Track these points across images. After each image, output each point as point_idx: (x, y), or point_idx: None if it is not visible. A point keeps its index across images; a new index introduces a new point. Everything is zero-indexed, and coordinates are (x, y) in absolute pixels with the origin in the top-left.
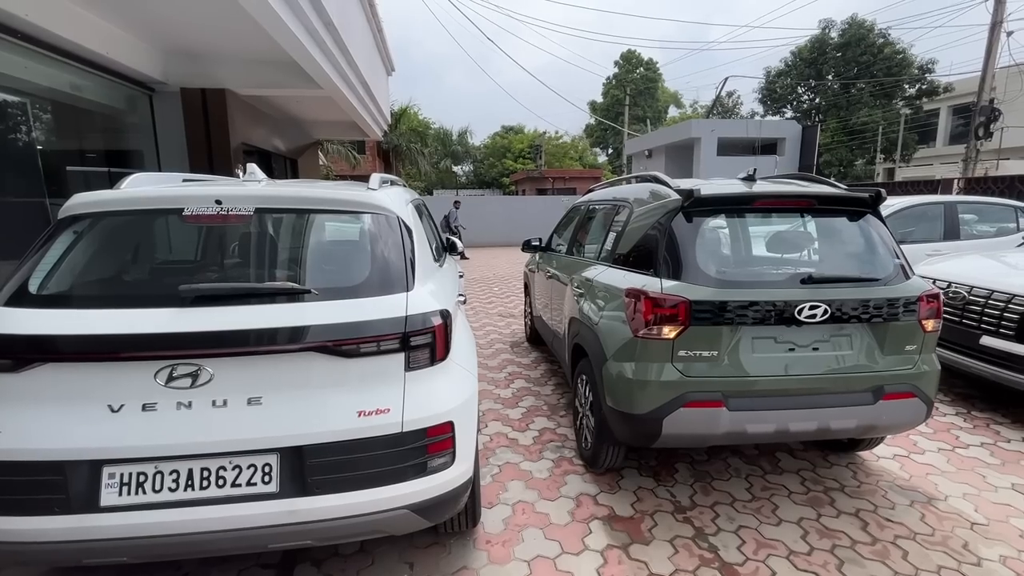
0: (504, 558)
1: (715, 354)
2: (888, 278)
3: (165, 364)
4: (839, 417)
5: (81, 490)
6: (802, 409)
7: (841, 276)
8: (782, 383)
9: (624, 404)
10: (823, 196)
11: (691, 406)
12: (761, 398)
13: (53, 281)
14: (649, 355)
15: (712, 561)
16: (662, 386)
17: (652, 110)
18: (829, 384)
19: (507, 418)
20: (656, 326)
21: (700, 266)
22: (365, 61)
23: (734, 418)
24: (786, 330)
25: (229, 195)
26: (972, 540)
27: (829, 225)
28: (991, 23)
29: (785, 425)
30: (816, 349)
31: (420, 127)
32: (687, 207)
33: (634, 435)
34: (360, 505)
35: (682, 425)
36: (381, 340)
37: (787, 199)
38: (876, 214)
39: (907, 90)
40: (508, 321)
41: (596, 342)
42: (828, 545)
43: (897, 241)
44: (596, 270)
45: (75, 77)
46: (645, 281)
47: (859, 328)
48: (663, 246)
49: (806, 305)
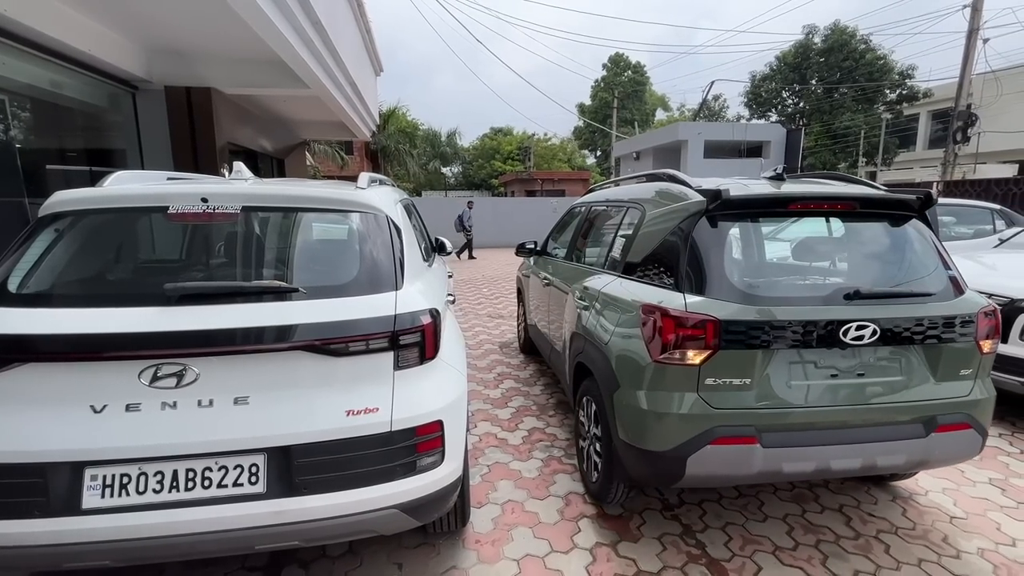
0: (493, 557)
1: (747, 382)
2: (942, 292)
3: (149, 364)
4: (887, 452)
5: (62, 492)
6: (845, 444)
7: (891, 291)
8: (823, 415)
9: (640, 440)
10: (867, 198)
11: (720, 443)
12: (799, 432)
13: (34, 280)
14: (670, 383)
15: (699, 558)
16: (686, 420)
17: (640, 113)
18: (876, 415)
19: (496, 418)
20: (679, 350)
21: (729, 279)
22: (353, 61)
23: (769, 456)
24: (828, 353)
25: (215, 193)
26: (952, 533)
27: (871, 231)
28: (968, 31)
29: (826, 463)
30: (861, 375)
31: (409, 128)
32: (712, 210)
33: (652, 475)
34: (348, 505)
35: (709, 465)
36: (370, 339)
37: (827, 201)
38: (923, 219)
39: (888, 95)
40: (497, 322)
41: (606, 365)
42: (813, 540)
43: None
44: (602, 280)
45: (55, 74)
46: (664, 296)
47: (910, 351)
48: (685, 255)
49: (853, 325)
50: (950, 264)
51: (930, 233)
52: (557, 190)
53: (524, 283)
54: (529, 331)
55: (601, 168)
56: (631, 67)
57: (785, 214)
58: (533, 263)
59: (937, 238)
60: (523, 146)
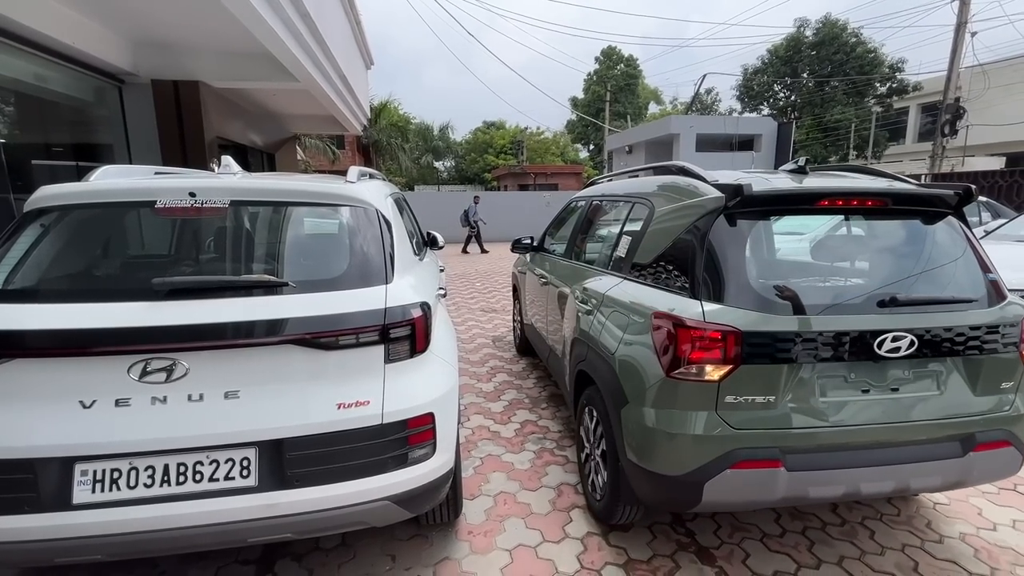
0: (486, 548)
1: (771, 399)
2: (983, 298)
3: (139, 359)
4: (921, 474)
5: (52, 488)
6: (877, 467)
7: (929, 297)
8: (854, 434)
9: (651, 461)
10: (901, 194)
11: (741, 466)
12: (827, 454)
13: (20, 275)
14: (686, 401)
15: (689, 546)
16: (703, 441)
17: (633, 107)
18: (910, 434)
19: (489, 411)
20: (695, 364)
21: (751, 284)
22: (343, 54)
23: (794, 480)
24: (860, 367)
25: (203, 187)
26: (935, 519)
27: (904, 230)
28: (956, 24)
29: (856, 486)
30: (895, 390)
31: (401, 122)
32: (732, 207)
33: (664, 499)
34: (341, 497)
35: (729, 490)
36: (360, 332)
37: (858, 197)
38: (960, 216)
39: (878, 88)
40: (490, 316)
41: (612, 377)
42: (800, 527)
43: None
44: (607, 282)
45: (39, 68)
46: (677, 303)
47: (948, 363)
48: (701, 258)
49: (888, 335)
50: (990, 267)
51: (968, 232)
52: (550, 184)
53: (520, 280)
54: (526, 331)
55: (594, 162)
56: (624, 60)
57: (812, 211)
58: (530, 259)
59: (974, 237)
60: (516, 140)
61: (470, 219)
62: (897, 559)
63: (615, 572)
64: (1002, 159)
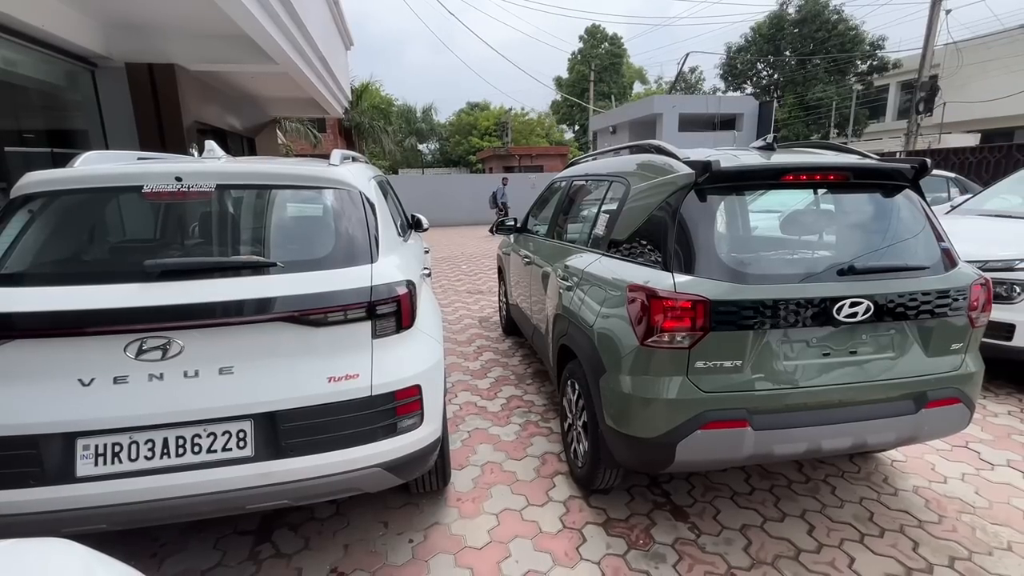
0: (474, 512)
1: (738, 364)
2: (936, 265)
3: (134, 338)
4: (877, 430)
5: (55, 462)
6: (836, 424)
7: (885, 265)
8: (815, 395)
9: (628, 426)
10: (861, 168)
11: (710, 427)
12: (790, 414)
13: (12, 260)
14: (659, 367)
15: (664, 505)
16: (675, 405)
17: (618, 86)
18: (867, 393)
19: (476, 388)
20: (668, 332)
21: (719, 256)
22: (322, 35)
23: (760, 439)
24: (821, 332)
25: (189, 172)
26: (891, 475)
27: (864, 202)
28: (931, 1)
29: (817, 443)
30: (853, 353)
31: (383, 104)
32: (702, 183)
33: (640, 461)
34: (333, 465)
35: (700, 450)
36: (348, 309)
37: (821, 171)
38: (917, 189)
39: (859, 66)
40: (476, 297)
41: (591, 349)
42: (768, 485)
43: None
44: (585, 259)
45: (7, 51)
46: (650, 276)
47: (902, 327)
48: (672, 232)
49: (847, 301)
50: (943, 236)
51: (923, 204)
52: (535, 166)
53: (505, 261)
54: (511, 311)
55: (579, 143)
56: (608, 39)
57: (777, 186)
58: (513, 240)
59: (929, 209)
60: (500, 121)
61: (498, 201)
62: (855, 511)
63: (595, 531)
64: (977, 136)
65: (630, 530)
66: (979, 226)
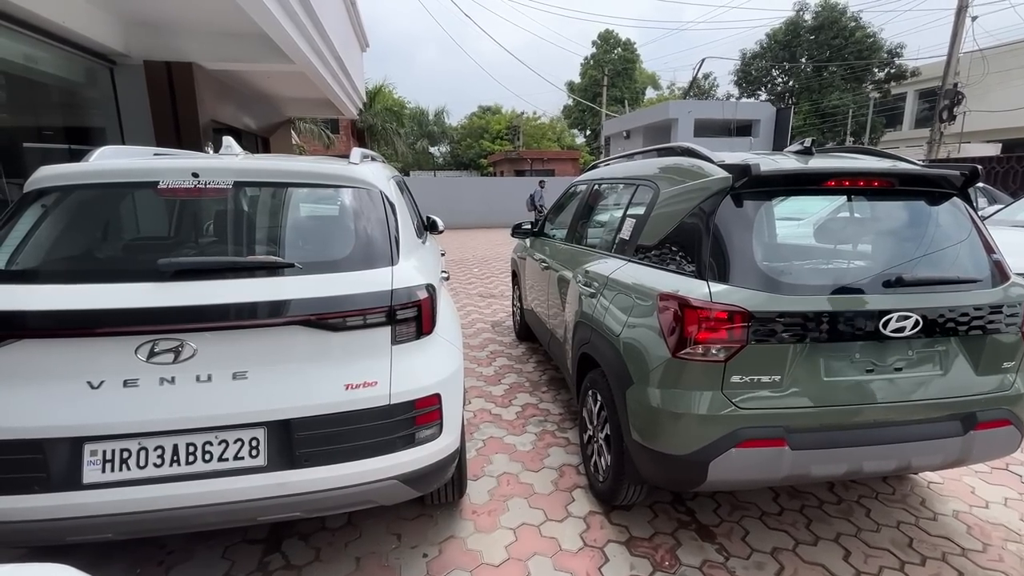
0: (490, 526)
1: (777, 379)
2: (987, 279)
3: (146, 340)
4: (922, 453)
5: (62, 468)
6: (878, 445)
7: (934, 277)
8: (857, 413)
9: (656, 441)
10: (907, 175)
11: (746, 445)
12: (830, 433)
13: (23, 256)
14: (691, 381)
15: (689, 524)
16: (708, 421)
17: (630, 91)
18: (912, 413)
19: (490, 395)
20: (702, 344)
21: (756, 264)
22: (339, 35)
23: (798, 459)
24: (864, 347)
25: (206, 168)
26: (929, 497)
27: (909, 211)
28: (957, 8)
29: (858, 464)
30: (899, 370)
31: (396, 106)
32: (739, 188)
33: (669, 479)
34: (349, 476)
35: (734, 469)
36: (367, 313)
37: (865, 178)
38: (965, 197)
39: (876, 74)
40: (489, 301)
41: (616, 359)
42: (798, 505)
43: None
44: (610, 264)
45: (29, 48)
46: (684, 284)
47: (951, 343)
48: (708, 238)
49: (895, 315)
50: (994, 247)
51: (972, 213)
52: (547, 170)
53: (520, 266)
54: (526, 316)
55: (591, 147)
56: (621, 44)
57: (819, 191)
58: (529, 244)
59: (979, 218)
60: (512, 125)
61: (536, 203)
62: (893, 536)
63: (618, 549)
64: (998, 145)
65: (654, 550)
66: (1016, 239)
